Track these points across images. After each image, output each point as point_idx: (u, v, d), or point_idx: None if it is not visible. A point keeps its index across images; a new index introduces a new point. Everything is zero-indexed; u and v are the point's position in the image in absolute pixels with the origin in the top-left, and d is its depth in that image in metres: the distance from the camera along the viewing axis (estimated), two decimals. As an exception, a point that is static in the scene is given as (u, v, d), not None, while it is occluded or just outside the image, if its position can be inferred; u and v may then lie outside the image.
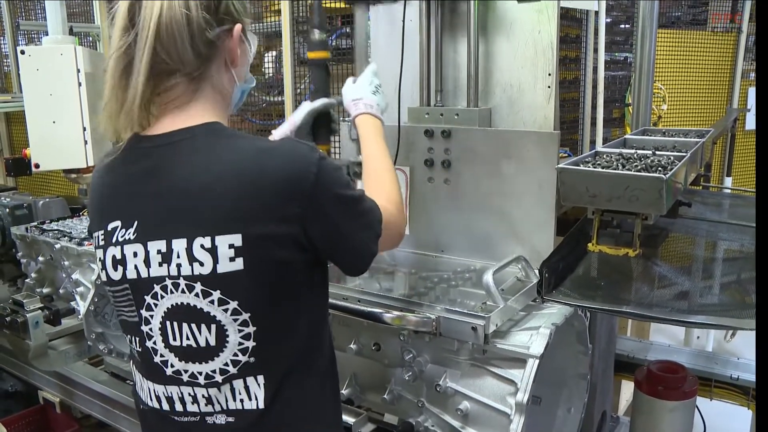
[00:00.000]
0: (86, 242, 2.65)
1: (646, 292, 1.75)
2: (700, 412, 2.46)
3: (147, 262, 1.20)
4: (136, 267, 1.21)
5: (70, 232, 2.81)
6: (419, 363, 1.70)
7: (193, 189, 1.18)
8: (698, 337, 4.42)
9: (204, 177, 1.18)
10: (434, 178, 2.14)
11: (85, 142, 3.38)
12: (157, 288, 1.21)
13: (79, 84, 3.32)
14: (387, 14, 2.22)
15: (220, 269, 1.16)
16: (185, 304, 1.19)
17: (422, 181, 2.16)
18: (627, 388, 3.07)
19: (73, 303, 2.71)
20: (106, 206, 1.29)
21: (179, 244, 1.17)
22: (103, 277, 1.29)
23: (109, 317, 2.64)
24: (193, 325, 1.20)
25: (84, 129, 3.36)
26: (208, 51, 1.23)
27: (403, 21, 2.09)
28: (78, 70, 3.31)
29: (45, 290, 2.95)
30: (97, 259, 1.30)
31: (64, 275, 2.81)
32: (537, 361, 1.54)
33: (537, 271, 1.77)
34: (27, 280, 3.04)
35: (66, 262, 2.70)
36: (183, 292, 1.19)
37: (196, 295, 1.18)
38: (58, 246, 2.70)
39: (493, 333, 1.59)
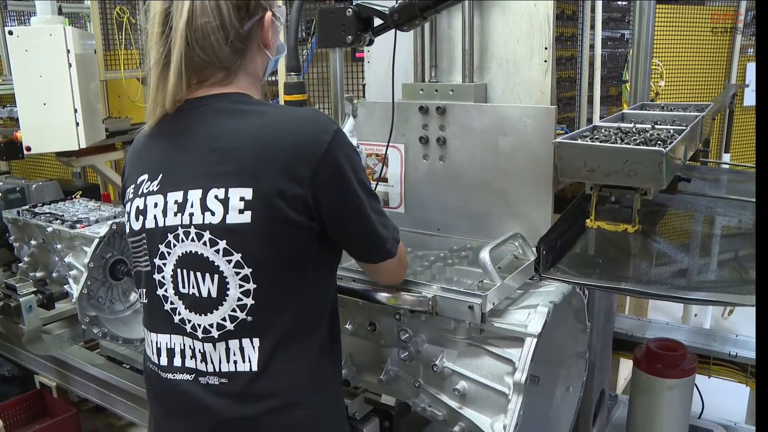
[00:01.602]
0: (78, 225, 2.62)
1: (645, 269, 1.73)
2: (699, 389, 2.46)
3: (165, 212, 1.28)
4: (155, 217, 1.30)
5: (63, 215, 2.77)
6: (415, 343, 1.68)
7: (215, 145, 1.26)
8: (696, 315, 4.41)
9: (227, 135, 1.26)
10: (429, 156, 2.10)
11: (77, 124, 3.34)
12: (170, 237, 1.28)
13: (69, 65, 3.27)
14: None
15: (229, 220, 1.22)
16: (194, 252, 1.26)
17: (417, 158, 2.13)
18: (625, 367, 3.07)
19: (66, 287, 2.69)
20: (139, 163, 1.38)
21: (195, 195, 1.25)
22: (127, 229, 1.38)
23: (102, 300, 2.61)
24: (199, 274, 1.27)
25: (75, 111, 3.33)
26: (243, 45, 1.32)
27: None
28: (68, 51, 3.26)
29: (38, 274, 2.93)
30: (126, 213, 1.39)
31: (57, 259, 2.78)
32: (535, 340, 1.52)
33: (534, 249, 1.74)
34: (20, 264, 3.01)
35: (58, 246, 2.67)
36: (193, 240, 1.26)
37: (204, 243, 1.25)
38: (50, 229, 2.67)
39: (491, 312, 1.56)
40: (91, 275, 2.48)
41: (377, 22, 1.81)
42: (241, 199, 1.21)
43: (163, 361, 1.35)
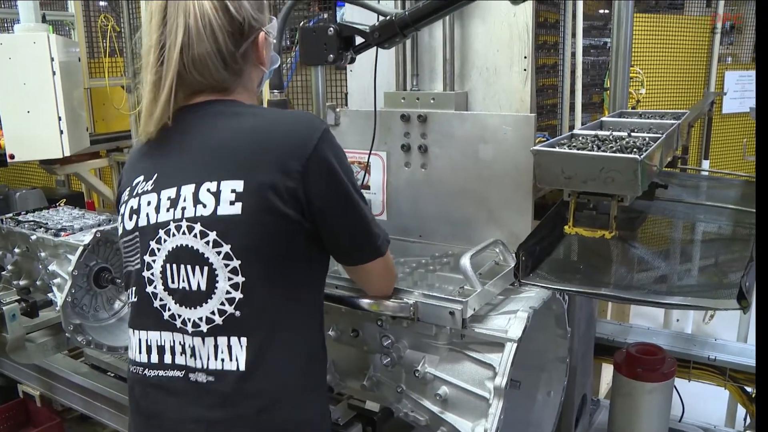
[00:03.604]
0: (63, 233, 2.62)
1: (623, 275, 1.75)
2: (679, 393, 2.49)
3: (157, 209, 1.32)
4: (147, 215, 1.33)
5: (47, 223, 2.77)
6: (398, 349, 1.70)
7: (210, 143, 1.31)
8: (678, 320, 4.46)
9: (221, 134, 1.32)
10: (411, 163, 2.13)
11: (61, 132, 3.34)
12: (161, 233, 1.31)
13: (53, 73, 3.28)
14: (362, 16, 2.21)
15: (220, 211, 1.26)
16: (184, 245, 1.29)
17: (399, 166, 2.16)
18: (608, 371, 3.09)
19: (50, 295, 2.68)
20: (135, 168, 1.42)
21: (187, 189, 1.29)
22: (119, 231, 1.42)
23: (87, 308, 2.61)
24: (188, 267, 1.29)
25: (59, 119, 3.33)
26: (239, 65, 1.37)
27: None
28: (52, 59, 3.27)
29: (21, 282, 2.91)
30: (119, 215, 1.42)
31: (40, 267, 2.78)
32: (515, 345, 1.54)
33: (514, 255, 1.76)
34: (3, 273, 2.99)
35: (42, 254, 2.66)
36: (183, 233, 1.29)
37: (195, 236, 1.28)
38: (34, 237, 2.66)
39: (471, 317, 1.58)
40: (76, 283, 2.47)
41: (359, 40, 1.84)
42: (233, 191, 1.25)
43: (154, 358, 1.36)
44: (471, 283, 1.64)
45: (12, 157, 3.32)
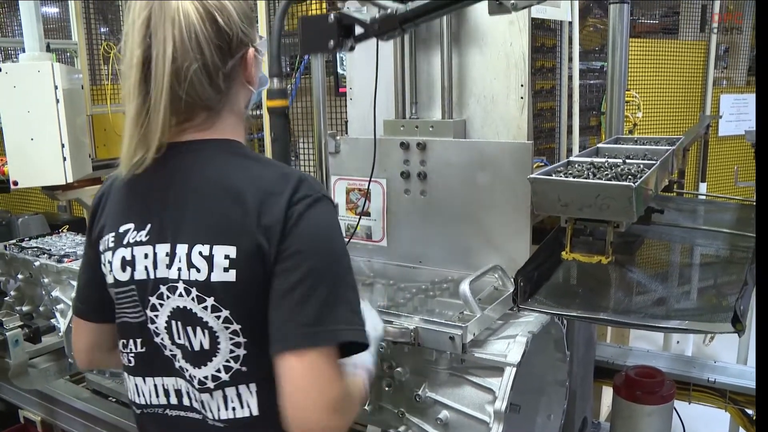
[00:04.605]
0: (66, 259, 2.64)
1: (621, 299, 1.77)
2: (679, 415, 2.49)
3: (155, 264, 1.24)
4: (146, 268, 1.25)
5: (50, 249, 2.80)
6: (399, 373, 1.72)
7: (201, 199, 1.23)
8: (678, 342, 4.46)
9: (212, 189, 1.23)
10: (410, 190, 2.16)
11: (64, 159, 3.37)
12: (163, 288, 1.25)
13: (57, 101, 3.32)
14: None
15: (214, 278, 1.19)
16: (184, 307, 1.23)
17: (399, 192, 2.19)
18: (608, 394, 3.10)
19: (53, 320, 2.70)
20: (120, 209, 1.32)
21: (181, 249, 1.22)
22: (109, 280, 1.32)
23: (89, 334, 2.62)
24: (189, 329, 1.24)
25: (62, 146, 3.36)
26: (226, 84, 1.27)
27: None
28: (56, 87, 3.31)
29: (25, 308, 2.93)
30: (104, 262, 1.32)
31: (43, 293, 2.80)
32: (514, 369, 1.56)
33: (513, 280, 1.79)
34: (6, 299, 3.01)
35: (45, 280, 2.69)
36: (180, 295, 1.23)
37: (193, 299, 1.22)
38: (37, 263, 2.69)
39: (471, 342, 1.61)
40: (78, 309, 2.49)
41: (359, 30, 1.81)
42: (226, 257, 1.18)
43: (173, 400, 1.32)
44: (471, 308, 1.66)
45: (15, 183, 3.35)
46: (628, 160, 1.81)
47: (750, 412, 2.34)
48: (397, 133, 2.19)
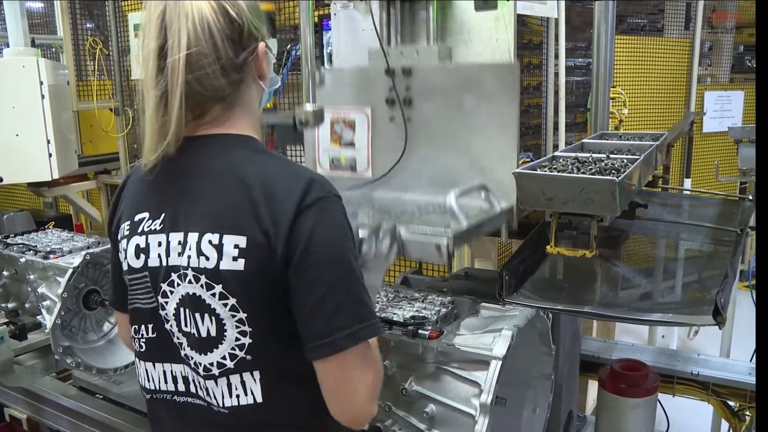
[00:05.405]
0: (52, 256, 2.63)
1: (605, 293, 1.80)
2: (664, 408, 2.52)
3: (168, 252, 1.29)
4: (159, 255, 1.30)
5: (36, 246, 2.79)
6: (385, 367, 1.72)
7: (216, 191, 1.27)
8: (663, 336, 4.50)
9: (225, 180, 1.27)
10: (396, 117, 2.13)
11: (50, 155, 3.36)
12: (174, 276, 1.29)
13: (42, 96, 3.31)
14: (347, 22, 2.25)
15: (222, 266, 1.23)
16: (193, 294, 1.27)
17: (384, 120, 2.15)
18: (594, 388, 3.12)
19: (39, 317, 2.69)
20: (138, 200, 1.38)
21: (192, 238, 1.26)
22: (124, 267, 1.37)
23: (76, 330, 2.62)
24: (197, 315, 1.28)
25: (48, 141, 3.35)
26: (239, 75, 1.32)
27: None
28: (41, 83, 3.30)
29: (10, 305, 2.92)
30: (120, 249, 1.38)
31: (29, 289, 2.79)
32: (500, 363, 1.58)
33: (500, 201, 1.78)
34: (-9, 296, 3.00)
35: (31, 276, 2.68)
36: (190, 282, 1.27)
37: (202, 286, 1.26)
38: (23, 260, 2.68)
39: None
40: (65, 305, 2.49)
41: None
42: (236, 246, 1.22)
43: (181, 387, 1.37)
44: (457, 219, 1.62)
45: (0, 180, 3.33)
46: (612, 155, 1.83)
47: (732, 404, 2.38)
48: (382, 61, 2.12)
